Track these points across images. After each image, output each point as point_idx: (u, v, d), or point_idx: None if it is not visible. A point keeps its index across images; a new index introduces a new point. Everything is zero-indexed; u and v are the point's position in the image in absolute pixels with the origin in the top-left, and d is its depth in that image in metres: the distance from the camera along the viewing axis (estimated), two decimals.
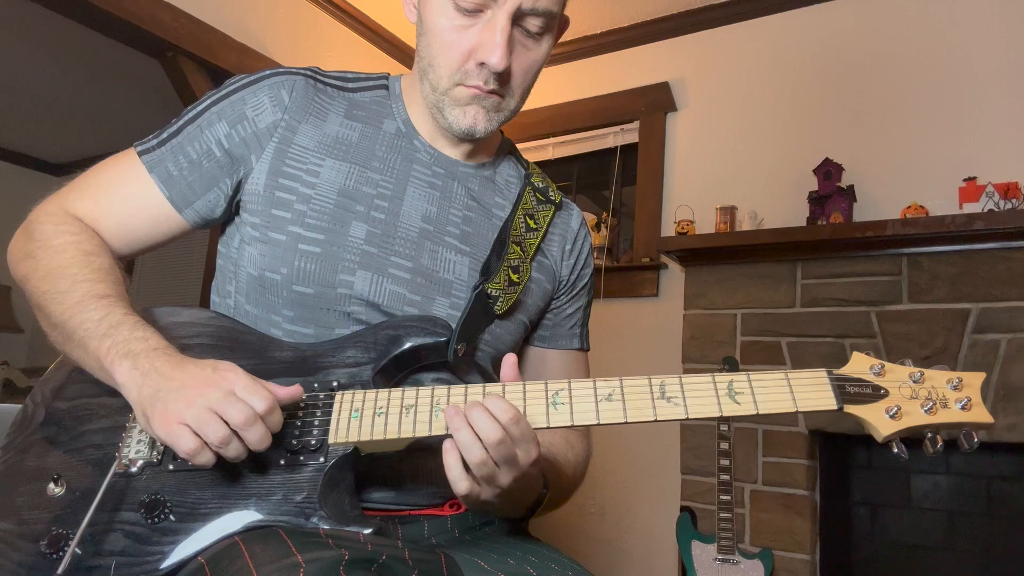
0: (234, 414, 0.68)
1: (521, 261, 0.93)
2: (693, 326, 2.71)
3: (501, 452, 0.70)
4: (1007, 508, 2.37)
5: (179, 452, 0.68)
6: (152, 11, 2.35)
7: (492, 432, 0.69)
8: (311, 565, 0.60)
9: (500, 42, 0.81)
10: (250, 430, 0.69)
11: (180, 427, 0.68)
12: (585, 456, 1.02)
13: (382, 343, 0.82)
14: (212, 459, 0.69)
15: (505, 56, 0.82)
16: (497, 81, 0.86)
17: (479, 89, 0.86)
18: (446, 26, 0.85)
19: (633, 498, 2.88)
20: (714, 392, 0.73)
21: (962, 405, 0.72)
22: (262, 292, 0.87)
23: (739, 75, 2.95)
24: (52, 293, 0.80)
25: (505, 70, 0.84)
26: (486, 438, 0.69)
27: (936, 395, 0.72)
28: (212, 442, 0.68)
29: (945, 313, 2.28)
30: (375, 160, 0.91)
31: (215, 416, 0.68)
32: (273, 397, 0.71)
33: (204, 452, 0.69)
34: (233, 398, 0.69)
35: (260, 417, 0.70)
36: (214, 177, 0.89)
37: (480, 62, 0.84)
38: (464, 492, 0.72)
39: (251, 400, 0.69)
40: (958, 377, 0.73)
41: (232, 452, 0.69)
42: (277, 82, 0.91)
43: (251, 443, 0.70)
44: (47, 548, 0.72)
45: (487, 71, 0.84)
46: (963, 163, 2.42)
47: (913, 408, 0.72)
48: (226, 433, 0.68)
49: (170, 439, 0.68)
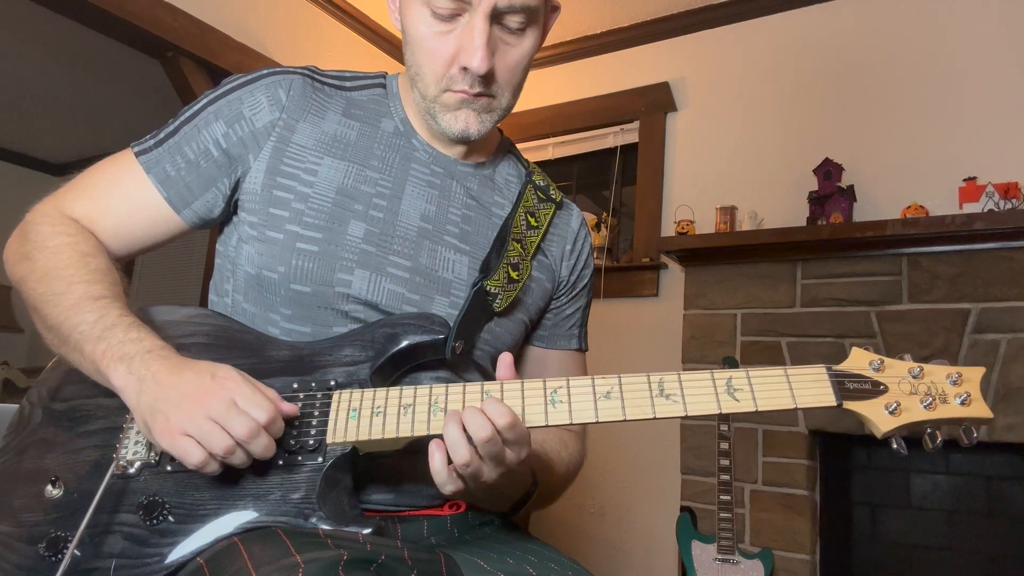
0: (237, 427, 0.68)
1: (521, 259, 0.93)
2: (693, 326, 2.71)
3: (489, 449, 0.70)
4: (1007, 508, 2.37)
5: (187, 464, 0.69)
6: (152, 11, 2.35)
7: (482, 430, 0.69)
8: (310, 565, 0.60)
9: (479, 44, 0.81)
10: (254, 443, 0.69)
11: (184, 439, 0.68)
12: (579, 456, 1.01)
13: (379, 341, 0.82)
14: (218, 468, 0.70)
15: (486, 59, 0.82)
16: (482, 83, 0.85)
17: (466, 93, 0.86)
18: (426, 34, 0.84)
19: (633, 498, 2.87)
20: (713, 389, 0.73)
21: (961, 400, 0.71)
22: (260, 291, 0.87)
23: (739, 75, 2.95)
24: (48, 295, 0.79)
25: (489, 72, 0.83)
26: (475, 435, 0.69)
27: (935, 390, 0.72)
28: (217, 453, 0.68)
29: (945, 313, 2.27)
30: (373, 159, 0.91)
31: (218, 427, 0.68)
32: (274, 407, 0.71)
33: (211, 463, 0.69)
34: (235, 410, 0.69)
35: (263, 427, 0.70)
36: (212, 177, 0.89)
37: (463, 67, 0.83)
38: (451, 492, 0.72)
39: (252, 411, 0.70)
40: (957, 372, 0.72)
41: (238, 460, 0.70)
42: (274, 81, 0.90)
43: (256, 454, 0.70)
44: (46, 550, 0.72)
45: (471, 75, 0.84)
46: (963, 163, 2.42)
47: (912, 404, 0.71)
48: (230, 444, 0.68)
49: (175, 451, 0.69)
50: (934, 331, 2.28)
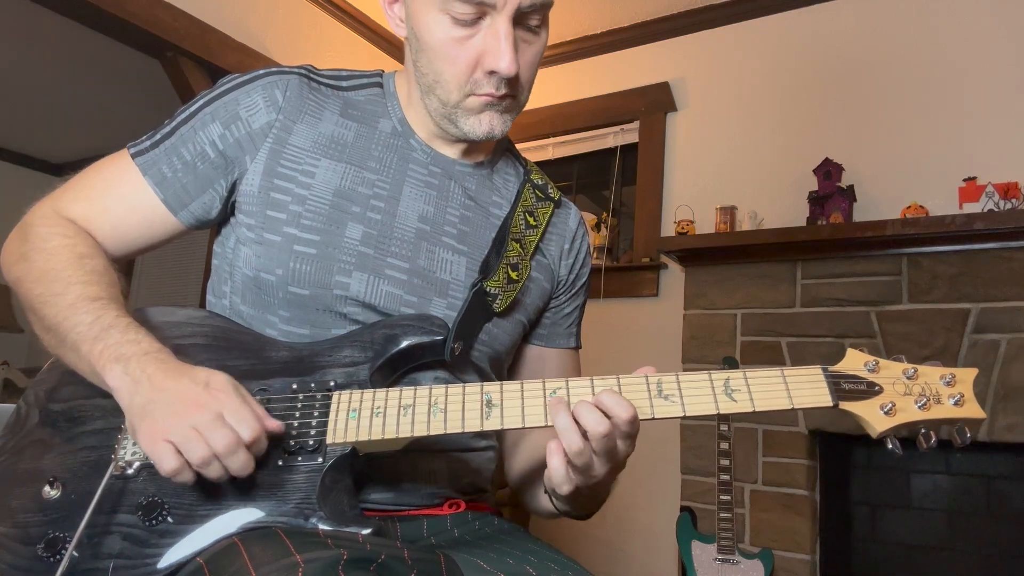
0: (217, 439, 0.68)
1: (520, 258, 0.93)
2: (693, 326, 2.71)
3: (604, 444, 0.70)
4: (1007, 508, 2.37)
5: (160, 470, 0.68)
6: (152, 11, 2.35)
7: (599, 424, 0.69)
8: (310, 565, 0.59)
9: (507, 48, 0.81)
10: (232, 458, 0.68)
11: (164, 444, 0.68)
12: None
13: (378, 342, 0.81)
14: (192, 478, 0.69)
15: (514, 60, 0.81)
16: (508, 85, 0.85)
17: (491, 96, 0.85)
18: (445, 40, 0.83)
19: (633, 498, 2.87)
20: (711, 390, 0.73)
21: (955, 401, 0.72)
22: (257, 293, 0.86)
23: (739, 75, 2.95)
24: (45, 296, 0.79)
25: (515, 73, 0.83)
26: (592, 430, 0.69)
27: (929, 391, 0.73)
28: (192, 462, 0.68)
29: (945, 313, 2.27)
30: (371, 160, 0.91)
31: (199, 437, 0.68)
32: (260, 426, 0.71)
33: (185, 472, 0.68)
34: (220, 423, 0.68)
35: (245, 445, 0.69)
36: (208, 179, 0.89)
37: (490, 71, 0.83)
38: (566, 492, 0.73)
39: (238, 427, 0.69)
40: (951, 373, 0.74)
41: (213, 474, 0.69)
42: (271, 82, 0.90)
43: (233, 470, 0.69)
44: (44, 551, 0.71)
45: (497, 78, 0.83)
46: (963, 163, 2.42)
47: (907, 404, 0.72)
48: (207, 455, 0.68)
49: (153, 454, 0.68)
50: (934, 331, 2.28)
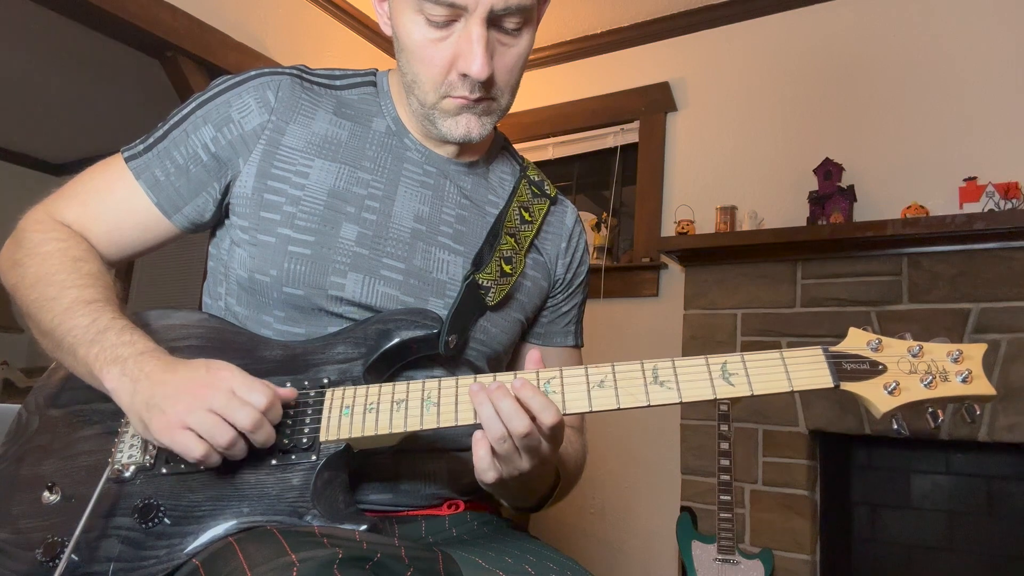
0: (241, 418, 0.69)
1: (514, 252, 0.92)
2: (693, 326, 2.71)
3: (526, 443, 0.70)
4: (1007, 508, 2.36)
5: (188, 458, 0.69)
6: (152, 11, 2.35)
7: (520, 426, 0.69)
8: (305, 564, 0.59)
9: (478, 51, 0.79)
10: (259, 432, 0.70)
11: (184, 432, 0.68)
12: (583, 452, 1.01)
13: (372, 338, 0.81)
14: (219, 461, 0.71)
15: (486, 64, 0.80)
16: (482, 88, 0.84)
17: (465, 99, 0.84)
18: (421, 41, 0.82)
19: (633, 498, 2.87)
20: (707, 374, 0.71)
21: (963, 378, 0.69)
22: (253, 294, 0.86)
23: (739, 75, 2.95)
24: (41, 300, 0.80)
25: (488, 76, 0.82)
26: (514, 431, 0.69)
27: (936, 368, 0.70)
28: (220, 445, 0.69)
29: (945, 313, 2.27)
30: (365, 160, 0.90)
31: (220, 420, 0.69)
32: (272, 391, 0.72)
33: (212, 455, 0.70)
34: (236, 400, 0.69)
35: (263, 414, 0.70)
36: (202, 182, 0.88)
37: (462, 73, 0.82)
38: (492, 480, 0.72)
39: (251, 398, 0.70)
40: (958, 349, 0.70)
41: (239, 453, 0.71)
42: (263, 83, 0.89)
43: (258, 443, 0.71)
44: (43, 556, 0.72)
45: (471, 81, 0.82)
46: (963, 163, 2.42)
47: (912, 383, 0.69)
48: (233, 436, 0.69)
49: (175, 445, 0.69)
50: (934, 331, 2.27)
